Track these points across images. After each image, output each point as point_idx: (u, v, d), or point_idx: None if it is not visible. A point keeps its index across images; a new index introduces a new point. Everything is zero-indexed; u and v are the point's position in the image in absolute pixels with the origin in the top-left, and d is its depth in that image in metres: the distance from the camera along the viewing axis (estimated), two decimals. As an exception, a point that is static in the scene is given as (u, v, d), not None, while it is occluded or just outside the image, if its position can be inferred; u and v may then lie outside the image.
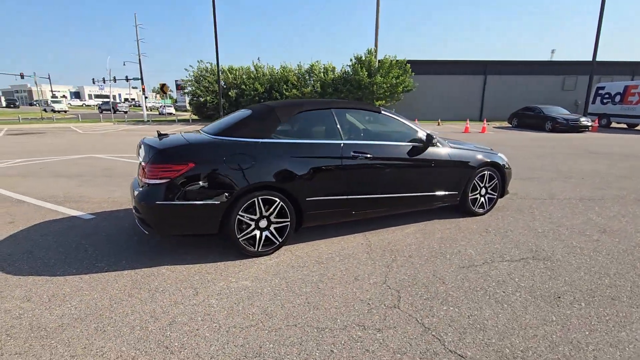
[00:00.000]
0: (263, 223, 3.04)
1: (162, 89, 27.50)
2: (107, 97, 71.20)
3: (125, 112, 40.25)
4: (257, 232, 3.02)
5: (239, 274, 2.79)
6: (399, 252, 3.21)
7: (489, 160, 4.18)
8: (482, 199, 4.25)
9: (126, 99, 78.43)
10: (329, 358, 1.86)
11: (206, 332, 2.07)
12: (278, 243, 3.13)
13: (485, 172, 4.17)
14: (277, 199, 3.02)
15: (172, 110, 39.74)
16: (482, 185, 4.19)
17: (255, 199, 2.95)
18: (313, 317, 2.22)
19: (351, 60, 23.18)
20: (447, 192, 3.91)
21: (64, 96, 62.49)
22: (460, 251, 3.25)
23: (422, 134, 3.74)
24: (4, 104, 63.44)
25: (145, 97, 38.17)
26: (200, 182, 2.79)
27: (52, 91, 68.89)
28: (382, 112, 3.74)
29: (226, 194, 2.83)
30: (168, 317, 2.22)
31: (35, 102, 53.85)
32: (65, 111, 38.71)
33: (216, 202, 2.82)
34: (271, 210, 3.03)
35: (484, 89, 26.69)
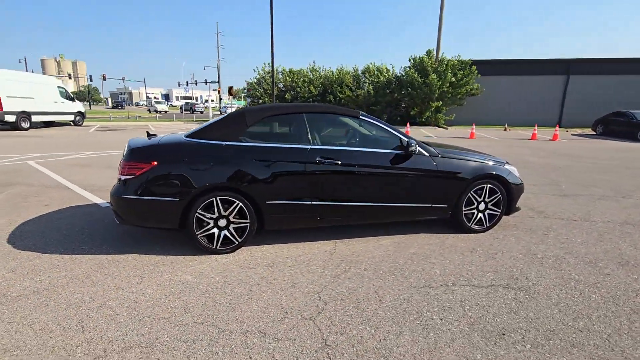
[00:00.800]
0: (222, 222, 3.16)
1: (230, 92, 29.64)
2: (191, 98, 79.52)
3: (202, 112, 44.94)
4: (216, 231, 3.16)
5: (188, 268, 2.95)
6: (357, 264, 3.07)
7: (491, 173, 3.74)
8: (481, 214, 3.82)
9: (206, 100, 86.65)
10: (210, 359, 1.90)
11: (122, 318, 2.24)
12: (237, 243, 3.22)
13: (485, 185, 3.74)
14: (236, 200, 3.12)
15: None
16: (480, 199, 3.77)
17: (214, 199, 3.08)
18: (223, 318, 2.26)
19: (409, 60, 22.38)
20: (431, 205, 3.61)
21: (155, 97, 71.52)
22: (424, 269, 2.98)
23: (403, 141, 3.51)
24: (110, 104, 74.83)
25: (221, 99, 42.11)
26: (161, 180, 3.02)
27: (146, 93, 79.11)
28: (361, 116, 3.59)
29: (184, 192, 3.02)
30: (103, 300, 2.45)
31: (139, 103, 62.62)
32: (165, 111, 44.45)
33: (174, 200, 3.02)
34: (230, 210, 3.14)
35: (565, 91, 23.50)
